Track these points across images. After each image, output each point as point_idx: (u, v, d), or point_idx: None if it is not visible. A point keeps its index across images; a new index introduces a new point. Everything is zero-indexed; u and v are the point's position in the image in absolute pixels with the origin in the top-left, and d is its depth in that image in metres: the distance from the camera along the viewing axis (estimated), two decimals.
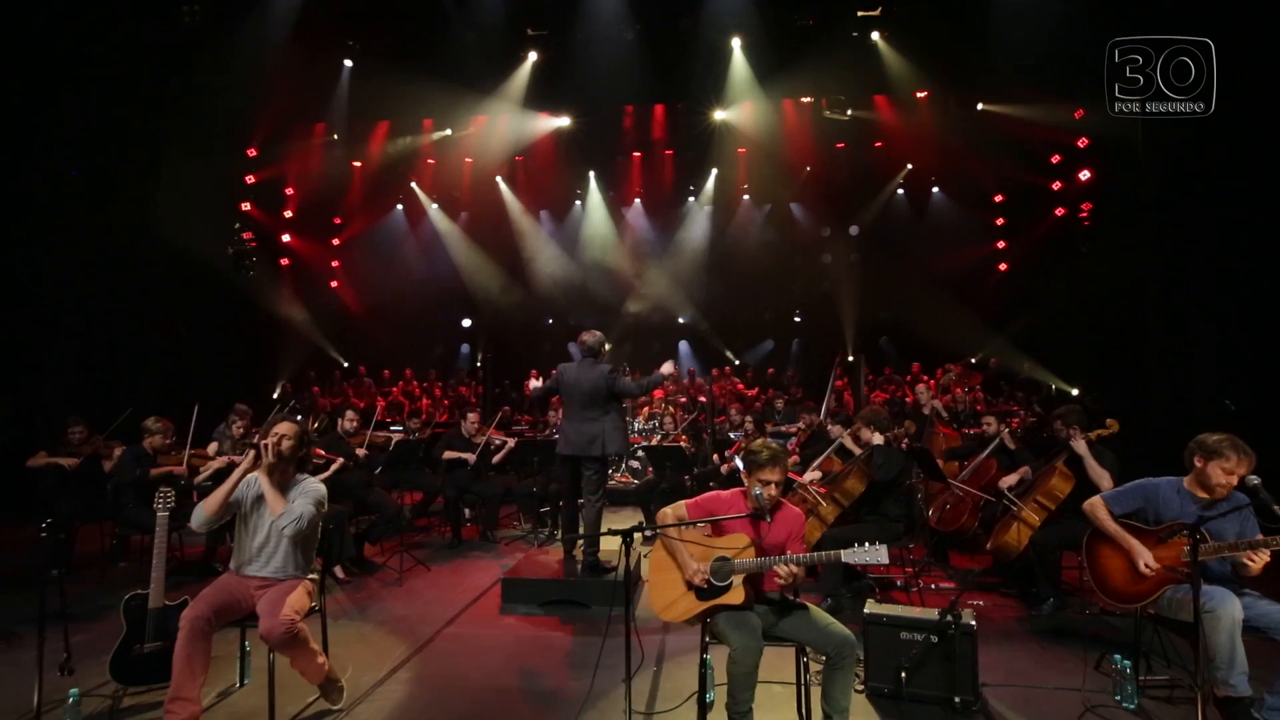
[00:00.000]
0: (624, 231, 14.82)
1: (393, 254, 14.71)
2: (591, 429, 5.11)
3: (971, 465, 5.66)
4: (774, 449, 3.15)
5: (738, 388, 13.73)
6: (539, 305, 14.75)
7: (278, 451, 3.30)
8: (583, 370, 5.19)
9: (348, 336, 14.35)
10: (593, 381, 5.15)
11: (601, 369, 5.18)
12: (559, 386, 5.24)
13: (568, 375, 5.21)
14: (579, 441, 5.10)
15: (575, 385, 5.18)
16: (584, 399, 5.14)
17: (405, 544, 6.13)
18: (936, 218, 13.86)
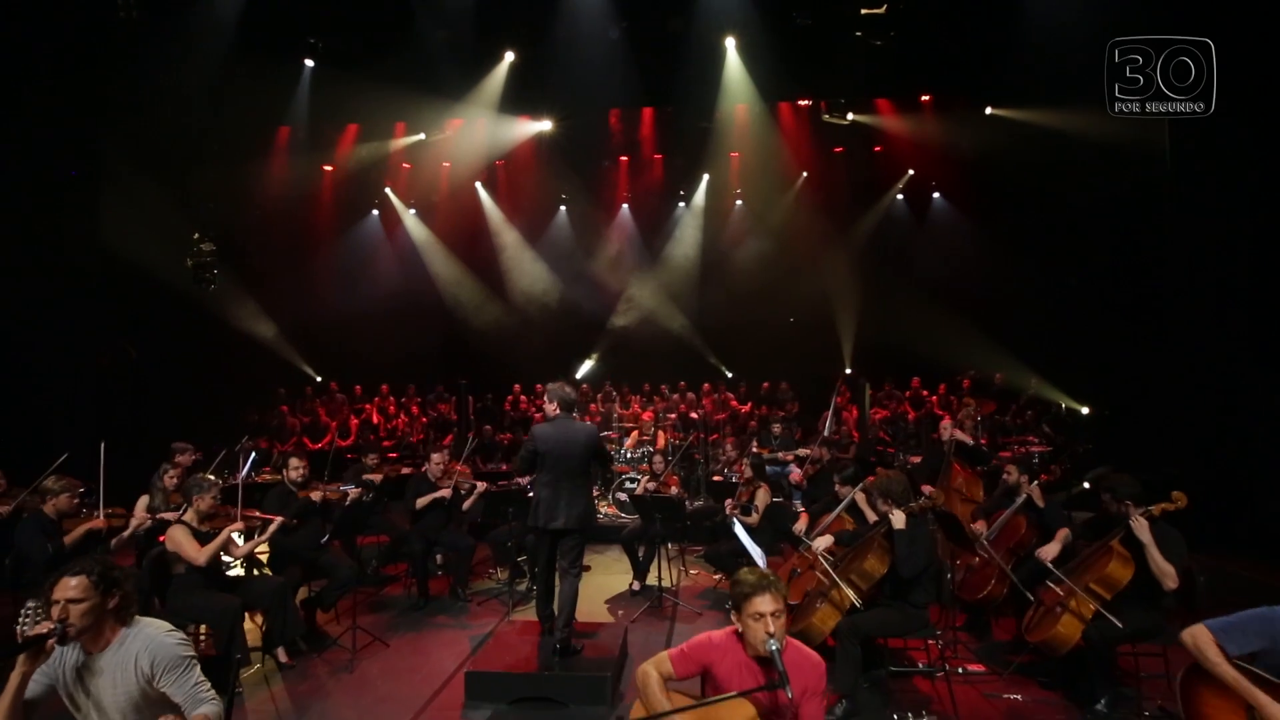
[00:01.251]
0: (610, 239, 14.11)
1: (367, 262, 13.95)
2: (579, 499, 4.47)
3: (996, 523, 5.03)
4: (760, 574, 2.53)
5: (731, 404, 13.11)
6: (520, 317, 14.01)
7: (66, 631, 2.34)
8: (564, 430, 4.53)
9: (319, 350, 13.58)
10: (580, 443, 4.49)
11: (587, 428, 4.53)
12: (539, 452, 4.55)
13: (548, 438, 4.53)
14: (569, 514, 4.44)
15: (559, 450, 4.51)
16: (570, 465, 4.48)
17: (367, 601, 5.44)
18: (938, 226, 13.25)
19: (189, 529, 4.35)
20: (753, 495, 6.00)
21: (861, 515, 5.06)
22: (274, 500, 5.30)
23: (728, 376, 14.28)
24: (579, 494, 4.50)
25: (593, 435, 4.57)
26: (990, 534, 4.97)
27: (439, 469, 6.24)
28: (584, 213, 13.99)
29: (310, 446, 11.80)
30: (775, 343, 13.47)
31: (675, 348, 14.11)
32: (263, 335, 12.68)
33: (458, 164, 12.92)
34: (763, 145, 11.39)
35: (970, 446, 6.48)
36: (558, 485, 4.49)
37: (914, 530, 4.06)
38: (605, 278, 14.14)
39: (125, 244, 9.59)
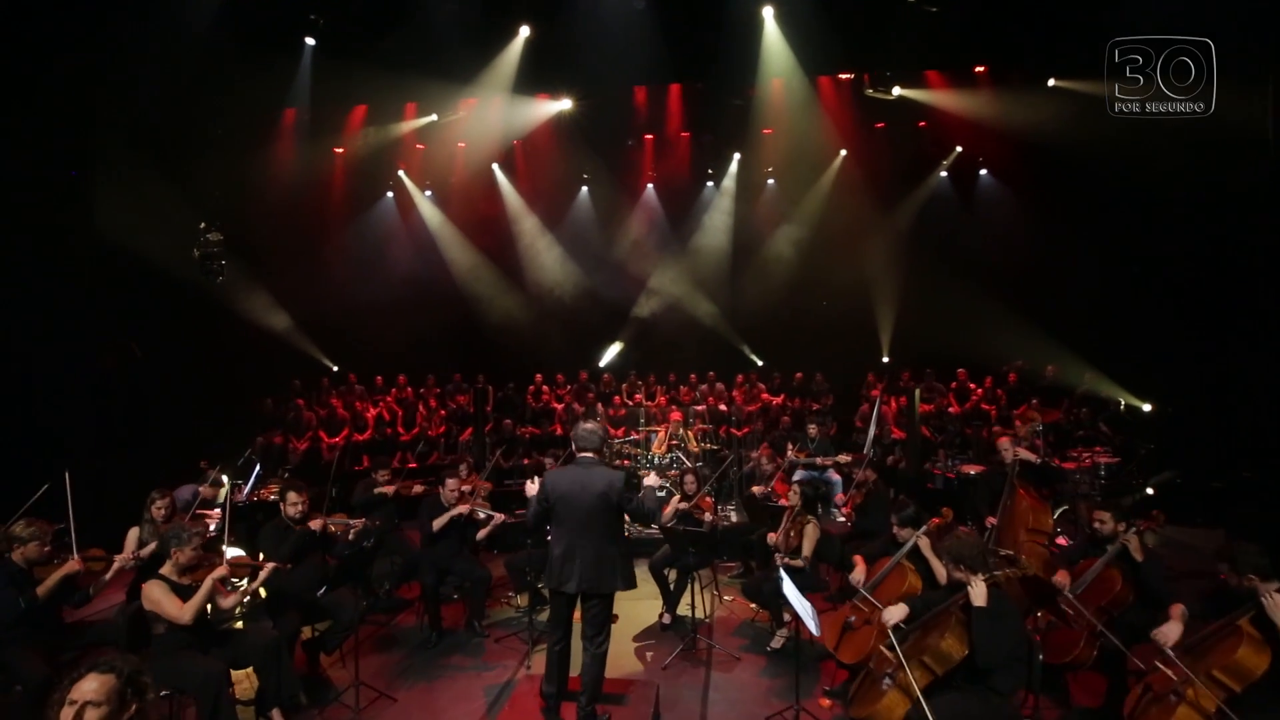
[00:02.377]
0: (634, 222, 13.41)
1: (382, 248, 13.42)
2: (598, 558, 3.91)
3: (1085, 575, 4.37)
4: None
5: (762, 396, 12.47)
6: (540, 304, 13.42)
7: None
8: (579, 478, 3.96)
9: (335, 340, 13.14)
10: (600, 492, 3.92)
11: (610, 476, 3.95)
12: (551, 501, 3.99)
13: (559, 486, 3.97)
14: (586, 575, 3.89)
15: (571, 499, 3.95)
16: (587, 517, 3.92)
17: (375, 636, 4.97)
18: (985, 206, 12.34)
19: (167, 584, 3.88)
20: (801, 534, 5.40)
21: (922, 558, 4.46)
22: (269, 536, 4.83)
23: (758, 365, 13.62)
24: (597, 552, 3.95)
25: (612, 485, 3.98)
26: (1077, 587, 4.33)
27: (454, 496, 5.72)
28: (606, 195, 13.28)
29: (327, 440, 11.45)
30: (809, 330, 12.77)
31: (703, 336, 13.46)
32: (276, 327, 12.26)
33: (473, 145, 12.26)
34: (799, 122, 10.57)
35: (1038, 466, 5.79)
36: (570, 541, 3.95)
37: (997, 607, 3.43)
38: (629, 262, 13.48)
39: (126, 237, 9.15)
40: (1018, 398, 11.24)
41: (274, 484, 7.02)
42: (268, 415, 11.46)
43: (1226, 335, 9.53)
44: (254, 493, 6.72)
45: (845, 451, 9.24)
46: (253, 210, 11.12)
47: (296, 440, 11.31)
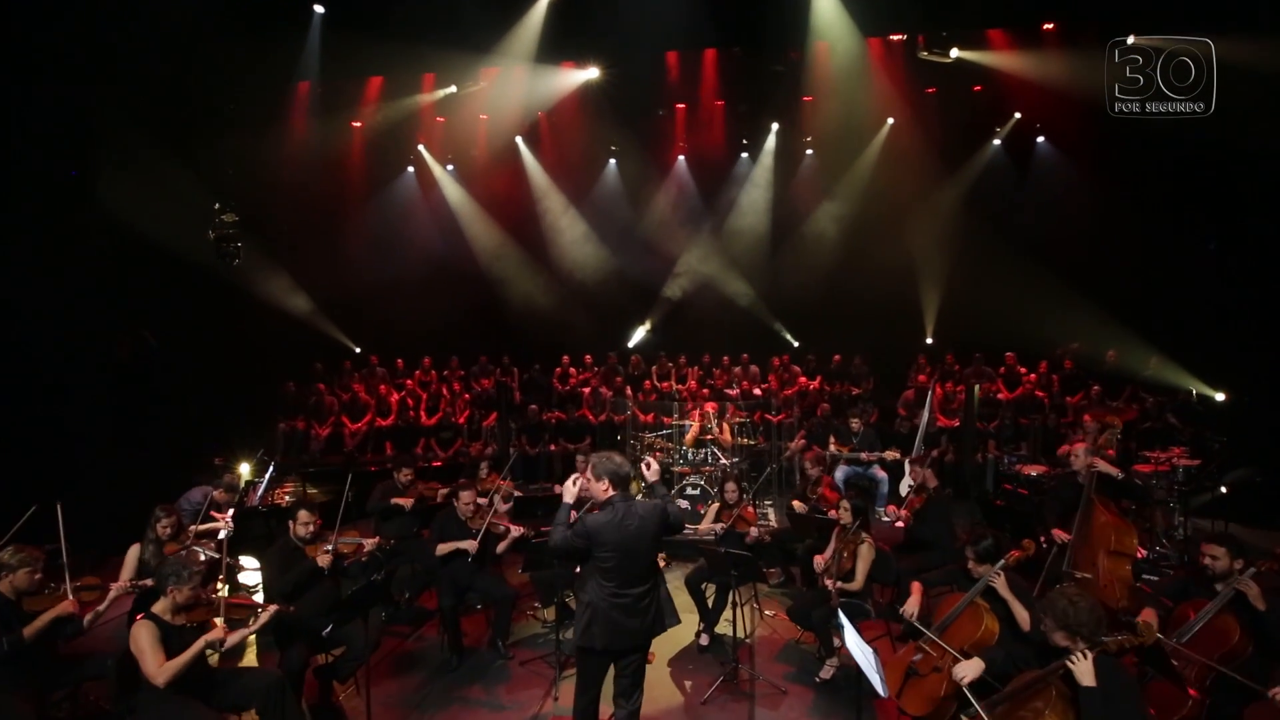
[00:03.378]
0: (664, 196, 12.76)
1: (403, 225, 12.97)
2: (648, 609, 3.48)
3: (1195, 623, 3.80)
4: None
5: (799, 380, 11.88)
6: (566, 283, 12.91)
7: None
8: (627, 520, 3.48)
9: (357, 322, 12.81)
10: (649, 535, 3.49)
11: (654, 510, 3.49)
12: (591, 548, 3.50)
13: (607, 536, 3.46)
14: (634, 629, 3.45)
15: (625, 549, 3.48)
16: (639, 568, 3.49)
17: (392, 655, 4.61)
18: (1042, 176, 11.45)
19: (157, 626, 3.52)
20: (855, 556, 4.88)
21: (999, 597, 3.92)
22: (275, 560, 4.46)
23: (794, 347, 13.01)
24: (648, 601, 3.51)
25: (665, 518, 3.54)
26: (1182, 634, 3.77)
27: (469, 509, 5.31)
28: (635, 168, 12.63)
29: (350, 426, 11.17)
30: (848, 310, 12.07)
31: (736, 316, 12.86)
32: (296, 309, 11.95)
33: (495, 117, 11.68)
34: (845, 89, 9.78)
35: (1119, 480, 5.18)
36: (620, 595, 3.48)
37: (1112, 684, 2.87)
38: (658, 239, 12.87)
39: (137, 222, 8.81)
40: (1074, 384, 10.52)
41: (290, 482, 6.66)
42: (289, 401, 11.21)
43: None
44: (268, 494, 6.38)
45: (892, 446, 8.71)
46: (268, 189, 10.72)
47: (319, 426, 11.06)
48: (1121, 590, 4.80)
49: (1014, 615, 3.81)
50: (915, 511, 5.56)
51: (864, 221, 11.81)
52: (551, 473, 10.70)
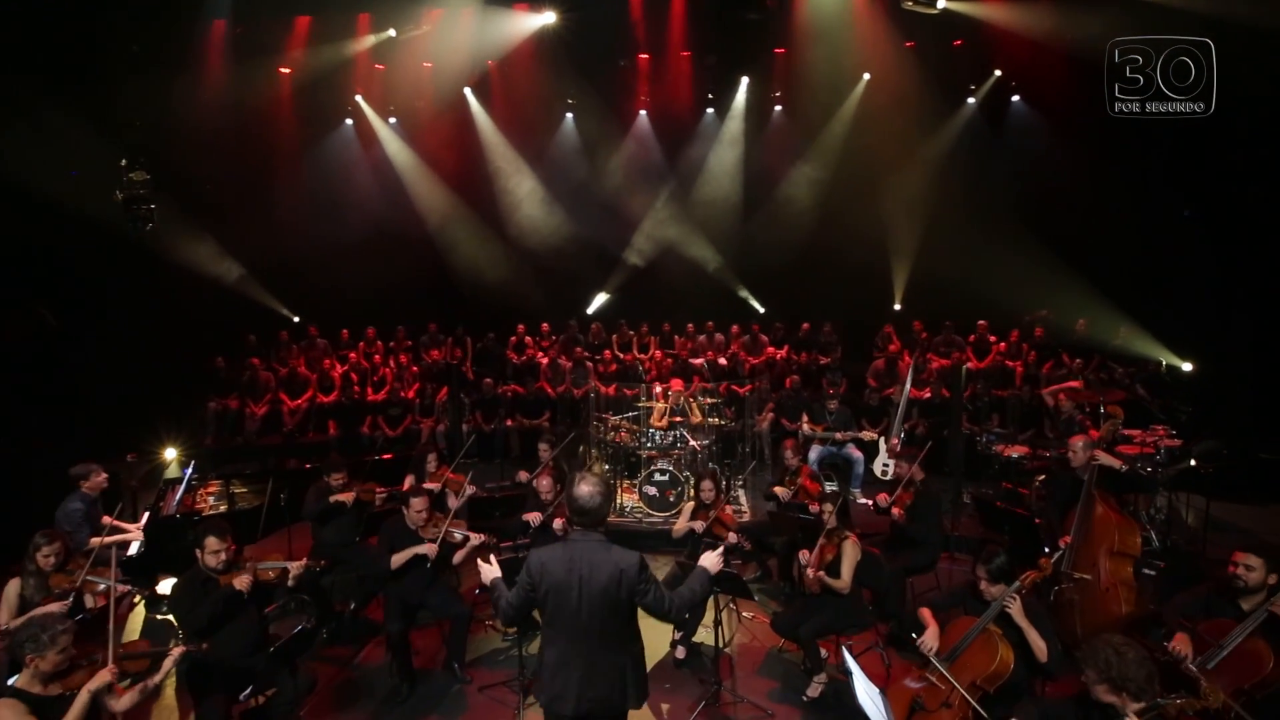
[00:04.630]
0: (625, 155, 12.00)
1: (343, 183, 11.93)
2: (608, 669, 2.92)
3: (1223, 647, 3.47)
4: None
5: (767, 350, 11.46)
6: (521, 246, 12.12)
7: None
8: (583, 564, 2.91)
9: (295, 289, 11.84)
10: (602, 587, 2.88)
11: (619, 562, 2.90)
12: (537, 593, 2.97)
13: (554, 572, 2.92)
14: (586, 693, 2.90)
15: (569, 593, 2.89)
16: (588, 619, 2.89)
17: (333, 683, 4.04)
18: (1016, 137, 11.05)
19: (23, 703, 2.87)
20: (839, 552, 4.48)
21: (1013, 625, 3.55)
22: (183, 595, 3.81)
23: (760, 313, 12.56)
24: (602, 663, 2.93)
25: (623, 576, 2.88)
26: (1209, 659, 3.46)
27: (421, 517, 4.71)
28: (594, 123, 11.80)
29: (289, 403, 10.37)
30: (816, 275, 11.65)
31: (701, 281, 12.30)
32: (225, 277, 10.94)
33: (440, 66, 10.70)
34: (821, 40, 9.12)
35: (1123, 474, 4.88)
36: (564, 649, 2.94)
37: None
38: (619, 199, 12.14)
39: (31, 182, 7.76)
40: (1045, 354, 10.35)
41: (213, 484, 5.94)
42: (220, 378, 10.32)
43: None
44: (188, 498, 5.65)
45: (867, 425, 8.39)
46: (185, 144, 9.62)
47: (254, 404, 10.23)
48: (1126, 594, 4.54)
49: (1029, 643, 3.44)
50: (907, 508, 5.18)
51: (836, 183, 11.30)
52: (509, 450, 10.14)
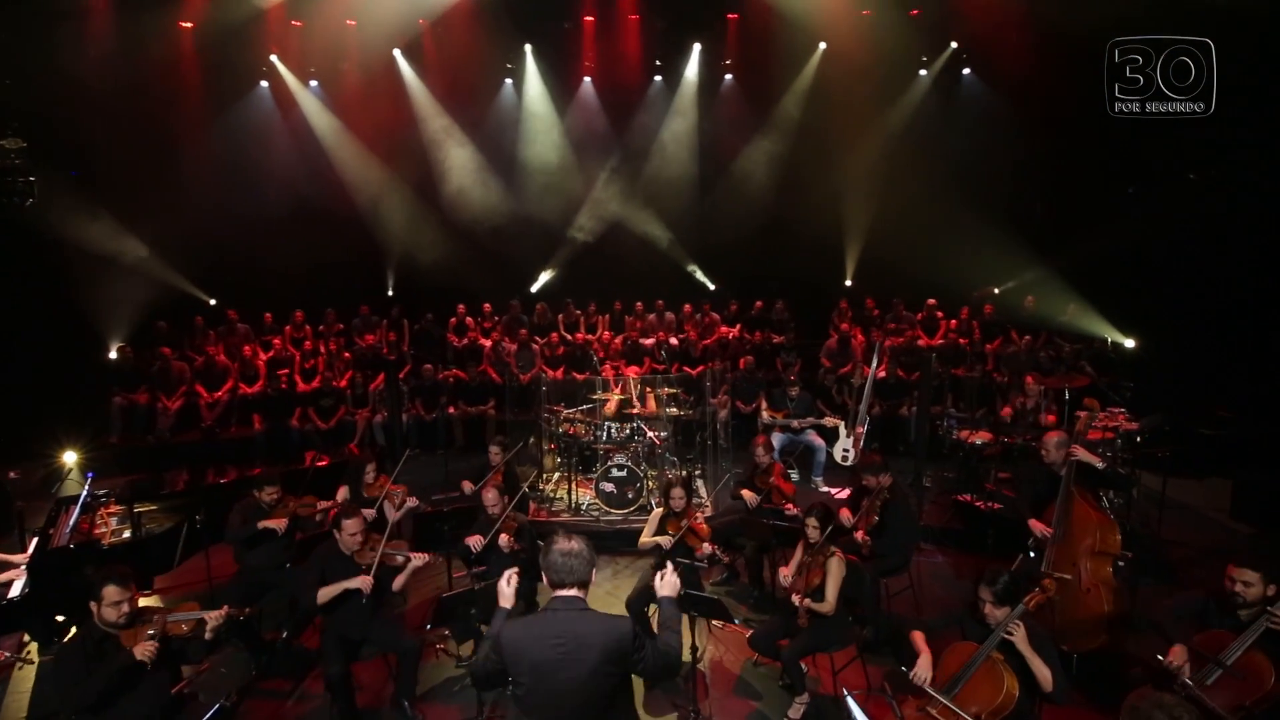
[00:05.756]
0: (569, 125, 11.36)
1: (260, 152, 10.90)
2: None
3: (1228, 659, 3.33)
4: None
5: (719, 330, 11.15)
6: (458, 221, 11.39)
7: None
8: (568, 636, 2.48)
9: (210, 268, 10.83)
10: (594, 666, 2.46)
11: (611, 631, 2.49)
12: (509, 670, 2.52)
13: (531, 654, 2.47)
14: None
15: (558, 675, 2.47)
16: (586, 707, 2.48)
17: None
18: (967, 111, 10.92)
19: None
20: (825, 572, 4.20)
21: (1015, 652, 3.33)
22: (72, 655, 3.20)
23: (711, 290, 12.23)
24: None
25: (622, 645, 2.51)
26: (1207, 675, 3.31)
27: (356, 541, 4.18)
28: (535, 90, 11.08)
29: (207, 396, 9.51)
30: (768, 251, 11.38)
31: (651, 258, 11.85)
32: (127, 256, 9.86)
33: (366, 25, 9.78)
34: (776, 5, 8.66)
35: (1101, 471, 4.75)
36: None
37: None
38: (563, 172, 11.52)
39: None
40: (994, 331, 10.38)
41: (112, 505, 5.23)
42: (126, 370, 9.36)
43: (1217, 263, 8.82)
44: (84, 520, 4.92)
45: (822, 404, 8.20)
46: (72, 107, 8.53)
47: (167, 398, 9.33)
48: (1106, 594, 4.42)
49: (1033, 672, 3.23)
50: (873, 527, 4.93)
51: (789, 157, 10.97)
52: (452, 439, 9.59)
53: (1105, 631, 4.38)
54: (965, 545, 6.34)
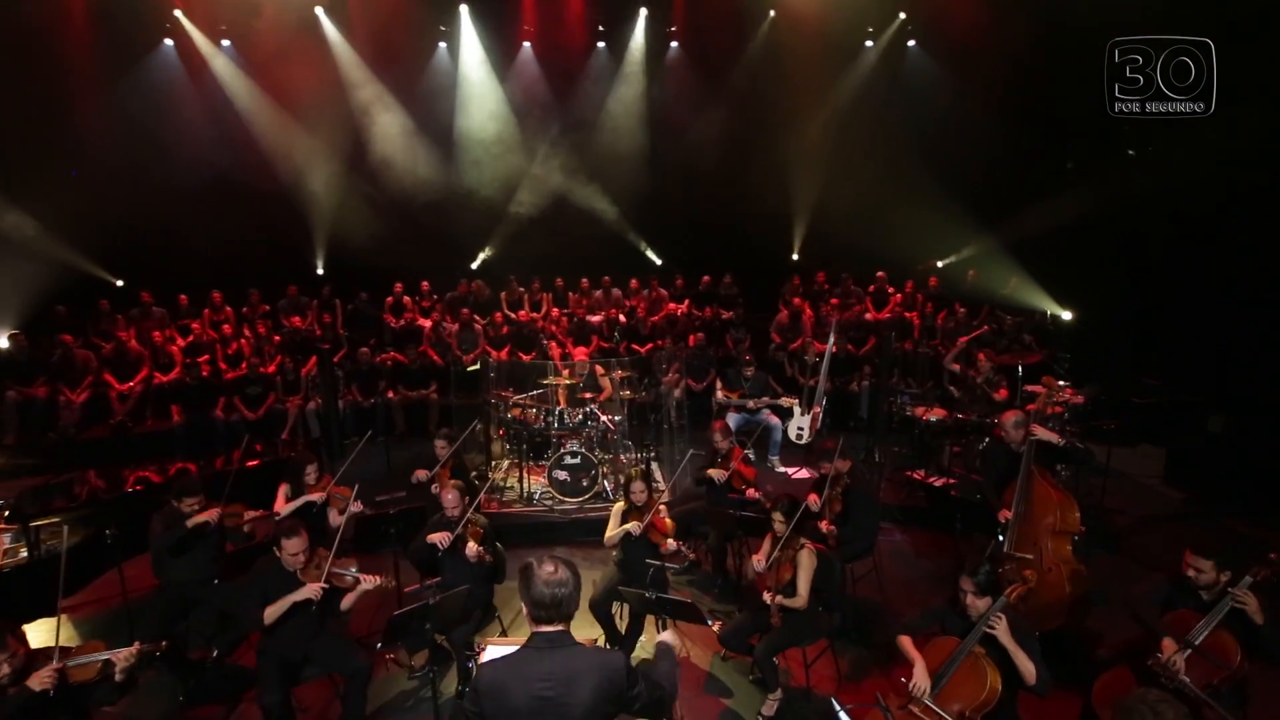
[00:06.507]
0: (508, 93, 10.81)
1: (167, 117, 9.98)
2: None
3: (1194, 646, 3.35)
4: None
5: (667, 306, 10.93)
6: (391, 195, 10.75)
7: None
8: (555, 676, 2.22)
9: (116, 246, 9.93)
10: (588, 704, 2.21)
11: (605, 668, 2.25)
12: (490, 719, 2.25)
13: (513, 699, 2.20)
14: None
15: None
16: None
17: None
18: (912, 84, 10.87)
19: None
20: (795, 567, 4.07)
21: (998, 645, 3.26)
22: None
23: (657, 265, 11.98)
24: None
25: (615, 682, 2.27)
26: (1180, 654, 3.31)
27: (299, 560, 3.80)
28: (472, 54, 10.47)
29: (118, 386, 8.76)
30: (714, 224, 11.19)
31: (595, 232, 11.48)
32: (15, 234, 8.91)
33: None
34: None
35: (1060, 448, 4.76)
36: None
37: None
38: (502, 143, 10.97)
39: None
40: (939, 305, 10.49)
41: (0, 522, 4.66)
42: (21, 360, 8.50)
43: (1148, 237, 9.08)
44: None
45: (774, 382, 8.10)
46: None
47: (70, 391, 8.53)
48: (1068, 573, 4.44)
49: (1016, 665, 3.16)
50: (837, 515, 4.84)
51: (736, 129, 10.72)
52: (393, 426, 9.13)
53: (1066, 611, 4.41)
54: (924, 523, 6.37)
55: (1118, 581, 5.22)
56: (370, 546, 5.20)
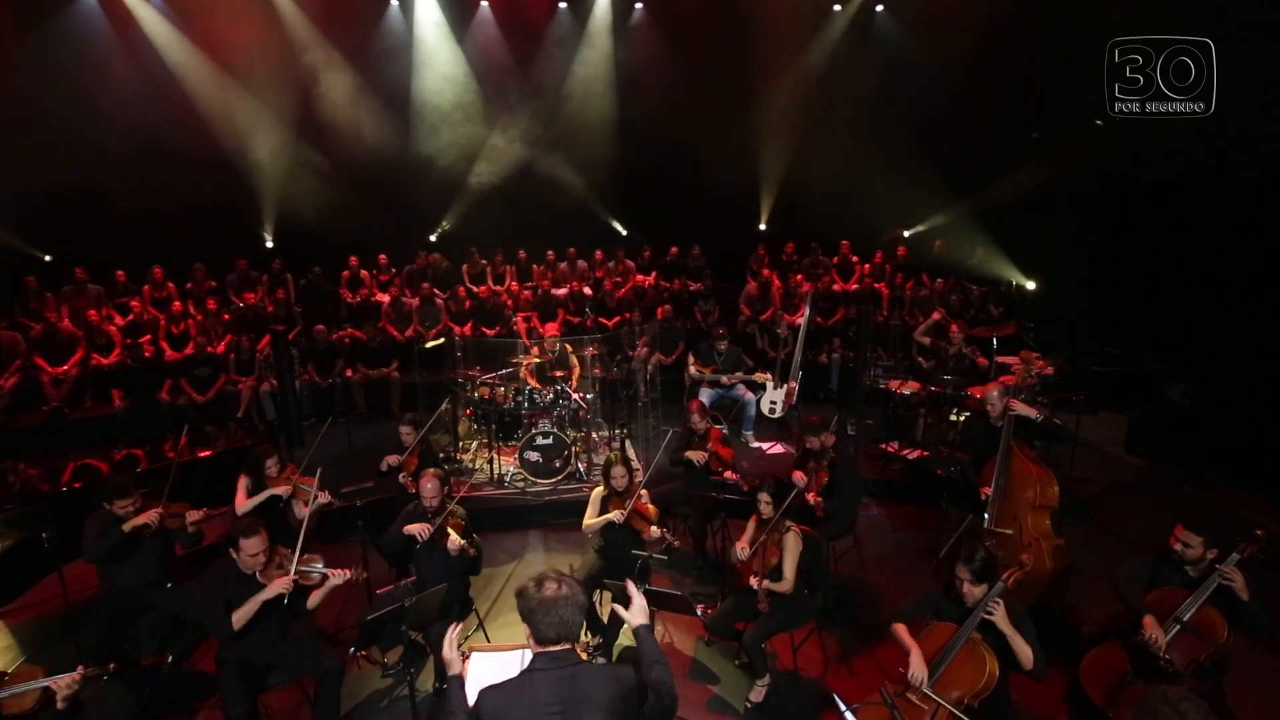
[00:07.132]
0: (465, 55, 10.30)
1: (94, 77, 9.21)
2: None
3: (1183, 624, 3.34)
4: None
5: (634, 278, 10.70)
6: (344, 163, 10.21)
7: None
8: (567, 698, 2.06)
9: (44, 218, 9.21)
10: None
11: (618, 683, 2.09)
12: None
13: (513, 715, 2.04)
14: None
15: None
16: None
17: None
18: (881, 50, 10.70)
19: None
20: (781, 550, 3.97)
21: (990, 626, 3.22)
22: None
23: (623, 236, 11.71)
24: None
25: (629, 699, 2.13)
26: (1168, 631, 3.31)
27: (258, 561, 3.54)
28: (428, 14, 9.91)
29: (51, 370, 8.20)
30: (680, 193, 10.95)
31: (558, 202, 11.12)
32: None
33: None
34: None
35: (1039, 423, 4.75)
36: None
37: None
38: (460, 108, 10.49)
39: None
40: (907, 274, 10.49)
41: None
42: None
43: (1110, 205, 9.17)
44: None
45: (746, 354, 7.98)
46: None
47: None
48: (1049, 549, 4.45)
49: (1013, 650, 3.12)
50: (824, 488, 4.77)
51: (702, 96, 10.43)
52: (352, 406, 8.78)
53: (1047, 587, 4.43)
54: (899, 497, 6.37)
55: (1089, 551, 5.29)
56: (335, 536, 4.95)
